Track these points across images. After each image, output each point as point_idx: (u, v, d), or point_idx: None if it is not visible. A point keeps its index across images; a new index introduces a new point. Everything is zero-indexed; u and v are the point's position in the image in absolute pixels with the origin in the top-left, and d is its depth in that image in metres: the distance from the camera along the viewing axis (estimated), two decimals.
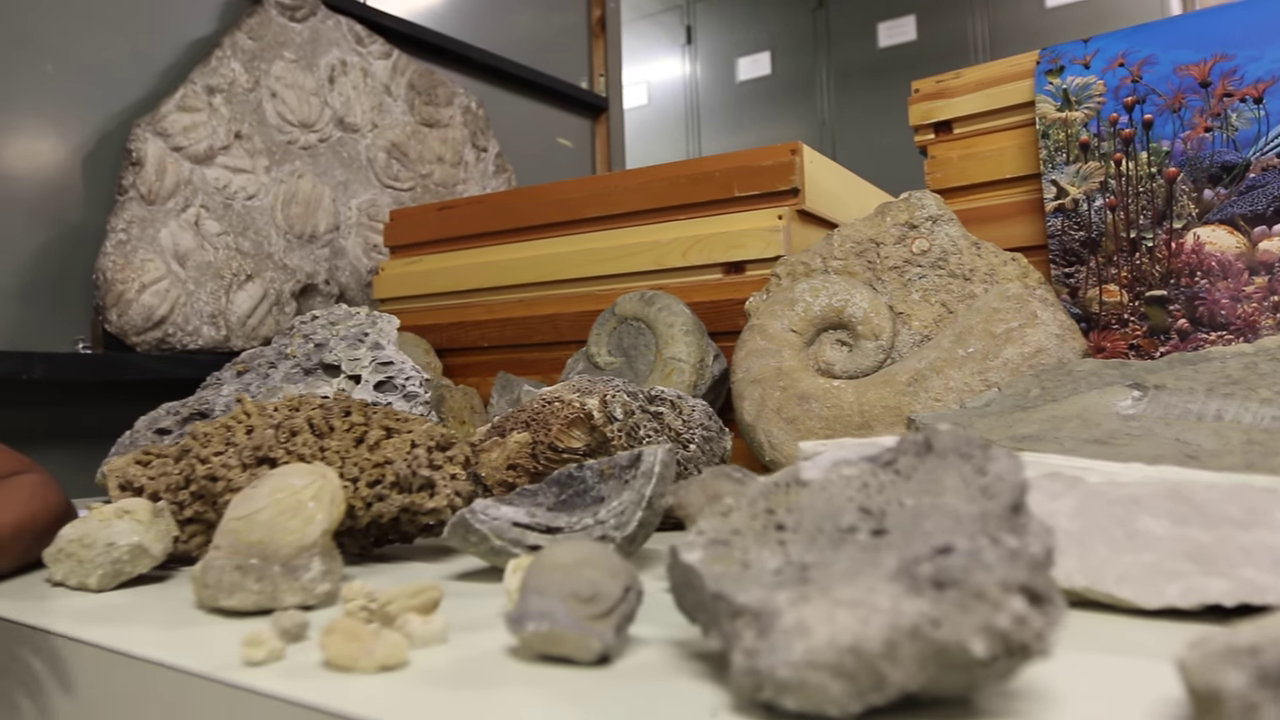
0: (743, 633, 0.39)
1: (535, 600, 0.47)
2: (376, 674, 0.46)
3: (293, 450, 0.77)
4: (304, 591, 0.60)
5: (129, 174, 1.54)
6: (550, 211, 1.54)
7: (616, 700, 0.42)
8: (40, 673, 0.58)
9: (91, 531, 0.70)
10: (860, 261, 1.13)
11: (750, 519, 0.47)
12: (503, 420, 0.93)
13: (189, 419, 1.17)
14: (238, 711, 0.45)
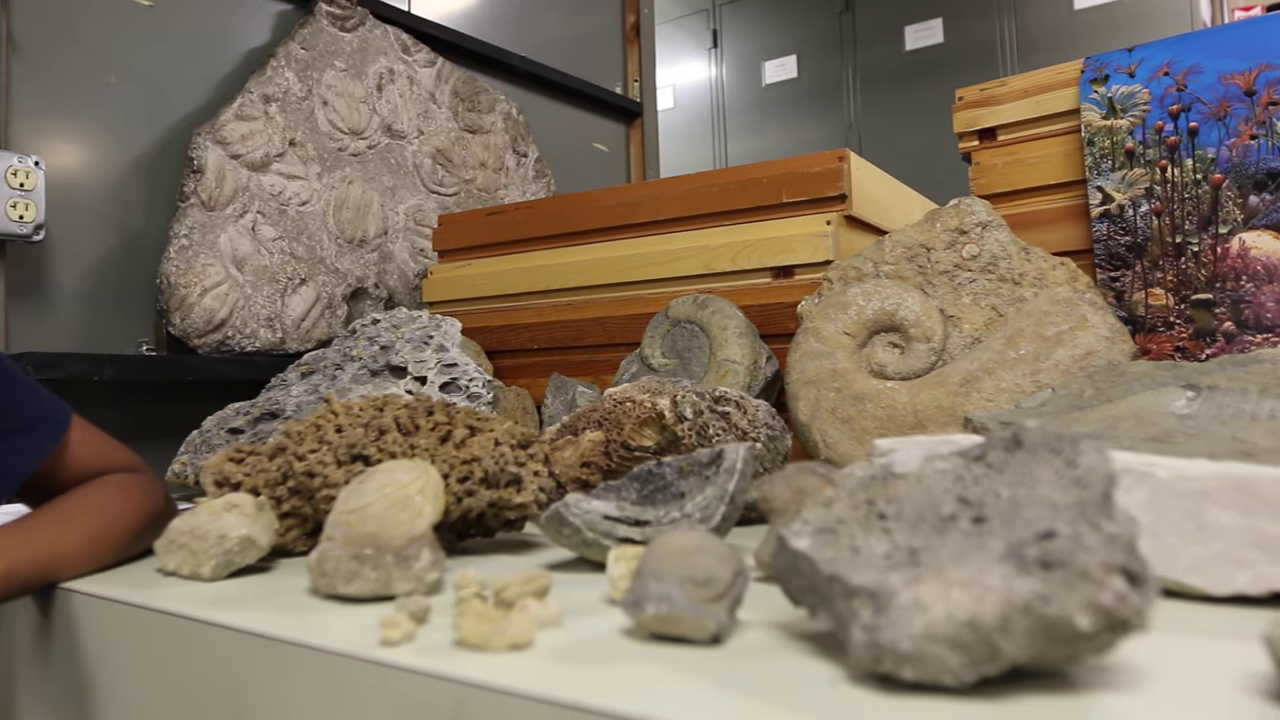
0: (859, 611, 0.43)
1: (654, 584, 0.51)
2: (507, 652, 0.50)
3: (384, 448, 0.81)
4: (415, 580, 0.64)
5: (190, 181, 1.59)
6: (598, 217, 1.58)
7: (739, 675, 0.45)
8: (186, 657, 0.62)
9: (202, 524, 0.74)
10: (911, 266, 1.17)
11: (852, 509, 0.51)
12: (574, 419, 0.97)
13: (260, 419, 1.22)
14: (385, 686, 0.49)
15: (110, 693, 0.67)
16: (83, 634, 0.69)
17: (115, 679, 0.67)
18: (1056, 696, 0.41)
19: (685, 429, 0.91)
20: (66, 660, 0.71)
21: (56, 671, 0.71)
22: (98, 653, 0.68)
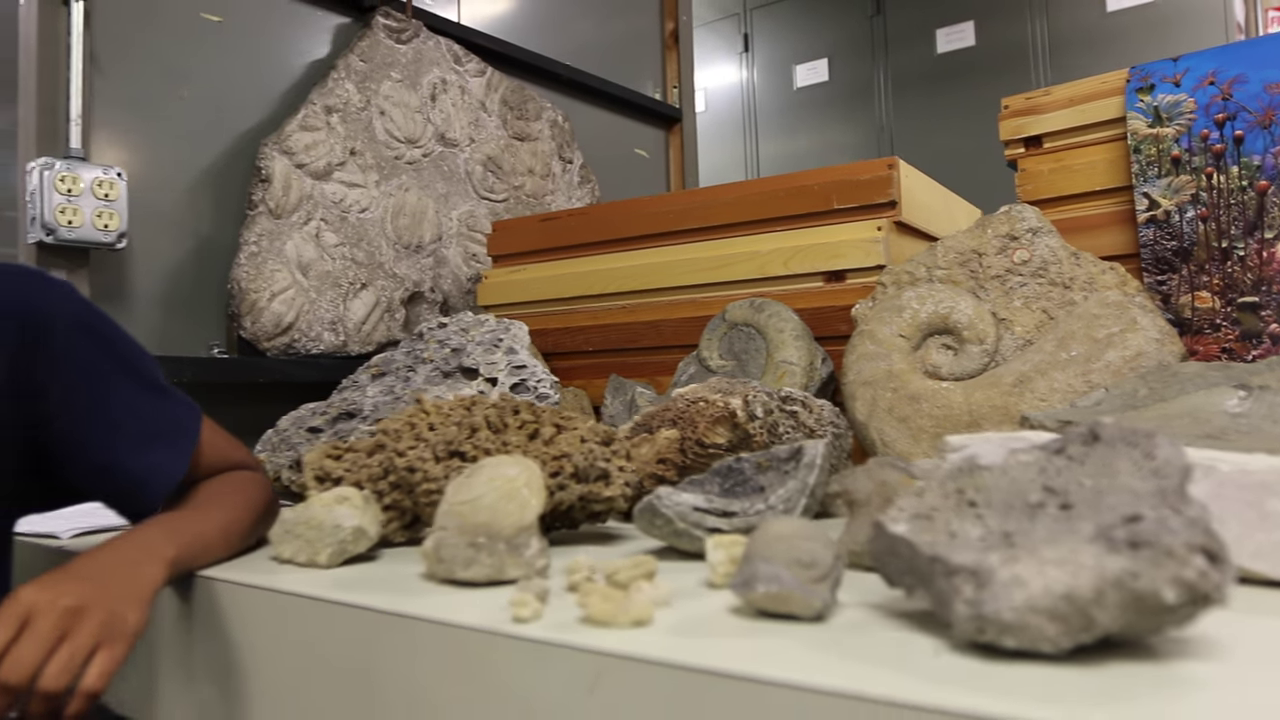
0: (961, 587, 0.48)
1: (763, 566, 0.56)
2: (630, 628, 0.55)
3: (477, 445, 0.87)
4: (526, 566, 0.69)
5: (258, 190, 1.65)
6: (650, 222, 1.63)
7: (847, 645, 0.50)
8: (322, 636, 0.68)
9: (316, 515, 0.80)
10: (963, 271, 1.21)
11: (943, 498, 0.56)
12: (648, 418, 1.02)
13: (338, 418, 1.28)
14: (524, 658, 0.54)
15: (251, 672, 0.72)
16: (224, 618, 0.75)
17: (255, 659, 0.72)
18: (1142, 663, 0.46)
19: (756, 427, 0.96)
20: (208, 644, 0.76)
21: (198, 655, 0.77)
22: (239, 635, 0.74)
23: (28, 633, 0.60)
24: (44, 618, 0.61)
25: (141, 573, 0.69)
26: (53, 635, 0.61)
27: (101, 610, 0.63)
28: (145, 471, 0.81)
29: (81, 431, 0.79)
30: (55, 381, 0.77)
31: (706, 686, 0.47)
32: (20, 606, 0.61)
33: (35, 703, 0.60)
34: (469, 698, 0.57)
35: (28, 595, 0.62)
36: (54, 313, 0.78)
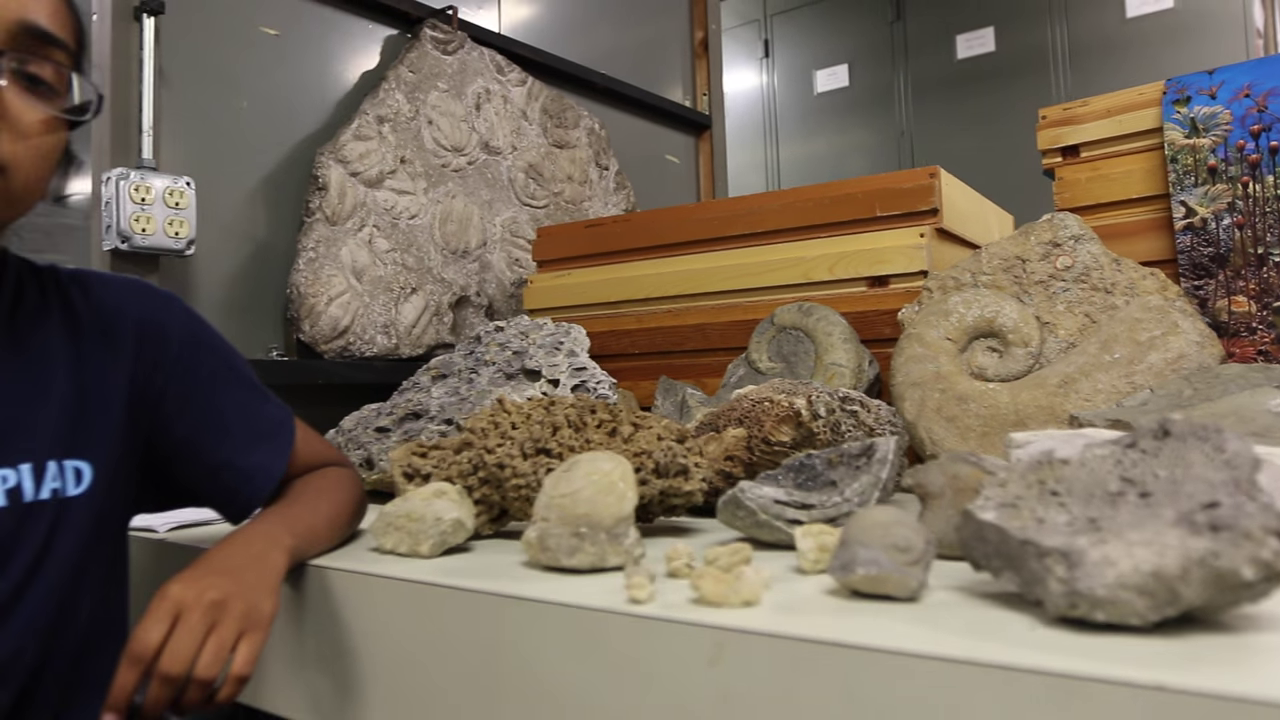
0: (1053, 568, 0.53)
1: (861, 550, 0.61)
2: (741, 607, 0.60)
3: (561, 443, 0.92)
4: (626, 554, 0.75)
5: (315, 198, 1.71)
6: (695, 229, 1.68)
7: (946, 622, 0.56)
8: (440, 621, 0.73)
9: (417, 508, 0.85)
10: (1007, 276, 1.26)
11: (1026, 488, 0.61)
12: (713, 417, 1.07)
13: (404, 419, 1.33)
14: (646, 635, 0.60)
15: (366, 658, 0.78)
16: (339, 606, 0.80)
17: (370, 645, 0.78)
18: (1219, 635, 0.51)
19: (820, 426, 1.01)
20: (322, 631, 0.81)
21: (310, 642, 0.82)
22: (354, 622, 0.79)
23: (180, 626, 0.66)
24: (193, 611, 0.66)
25: (269, 563, 0.74)
26: (202, 627, 0.66)
27: (242, 601, 0.69)
28: (251, 470, 0.86)
29: (196, 435, 0.84)
30: (171, 388, 0.83)
31: (825, 656, 0.52)
32: (171, 602, 0.67)
33: (192, 690, 0.65)
34: (592, 674, 0.63)
35: (176, 591, 0.67)
36: (168, 323, 0.84)
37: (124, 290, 0.83)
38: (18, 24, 0.67)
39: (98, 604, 0.77)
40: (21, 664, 0.70)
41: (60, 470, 0.73)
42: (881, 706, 0.50)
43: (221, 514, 0.89)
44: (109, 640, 0.79)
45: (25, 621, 0.70)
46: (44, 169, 0.71)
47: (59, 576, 0.72)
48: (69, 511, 0.73)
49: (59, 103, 0.71)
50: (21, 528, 0.70)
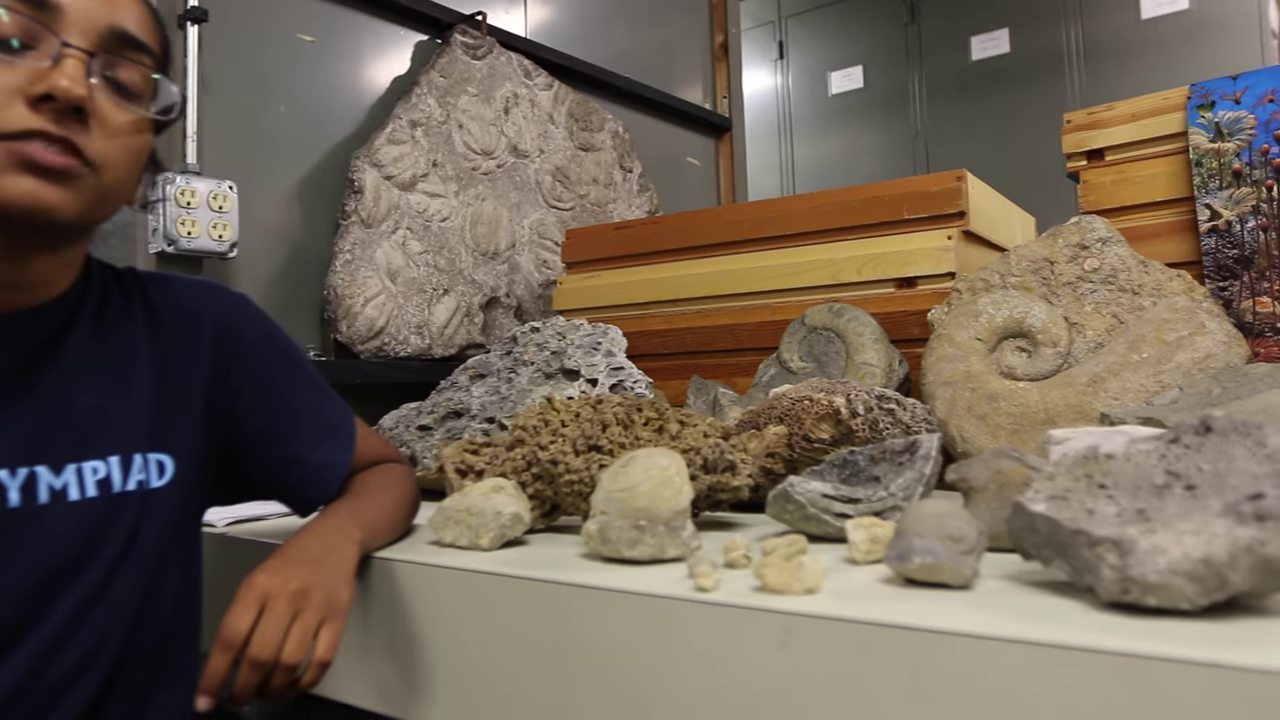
0: (1105, 556, 0.56)
1: (917, 541, 0.64)
2: (803, 594, 0.64)
3: (612, 440, 0.96)
4: (684, 546, 0.78)
5: (351, 201, 1.75)
6: (724, 231, 1.71)
7: (1003, 606, 0.59)
8: (508, 610, 0.76)
9: (476, 503, 0.88)
10: (1036, 278, 1.29)
11: (1074, 481, 0.64)
12: (753, 415, 1.11)
13: (446, 417, 1.37)
14: (716, 621, 0.63)
15: (434, 647, 0.81)
16: (405, 597, 0.83)
17: (438, 634, 0.81)
18: (1264, 618, 0.54)
19: (858, 423, 1.04)
20: (387, 622, 0.85)
21: (378, 632, 0.86)
22: (421, 612, 0.82)
23: (267, 614, 0.69)
24: (278, 600, 0.70)
25: (344, 555, 0.78)
26: (287, 615, 0.70)
27: (322, 590, 0.73)
28: (320, 465, 0.90)
29: (268, 430, 0.88)
30: (245, 386, 0.87)
31: (892, 638, 0.56)
32: (258, 592, 0.70)
33: (278, 675, 0.69)
34: (662, 660, 0.66)
35: (262, 581, 0.71)
36: (242, 323, 0.88)
37: (201, 291, 0.87)
38: (108, 29, 0.70)
39: (177, 592, 0.80)
40: (109, 649, 0.73)
41: (145, 463, 0.77)
42: (948, 686, 0.53)
43: (290, 506, 0.93)
44: (186, 628, 0.83)
45: (113, 607, 0.73)
46: (132, 169, 0.75)
47: (144, 564, 0.76)
48: (153, 502, 0.77)
49: (145, 105, 0.74)
50: (111, 517, 0.74)
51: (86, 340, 0.77)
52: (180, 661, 0.81)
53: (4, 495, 0.69)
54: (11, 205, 0.66)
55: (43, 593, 0.70)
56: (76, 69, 0.67)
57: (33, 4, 0.67)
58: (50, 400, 0.73)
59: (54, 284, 0.76)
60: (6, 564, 0.68)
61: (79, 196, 0.69)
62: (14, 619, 0.68)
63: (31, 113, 0.66)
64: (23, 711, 0.68)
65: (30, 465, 0.71)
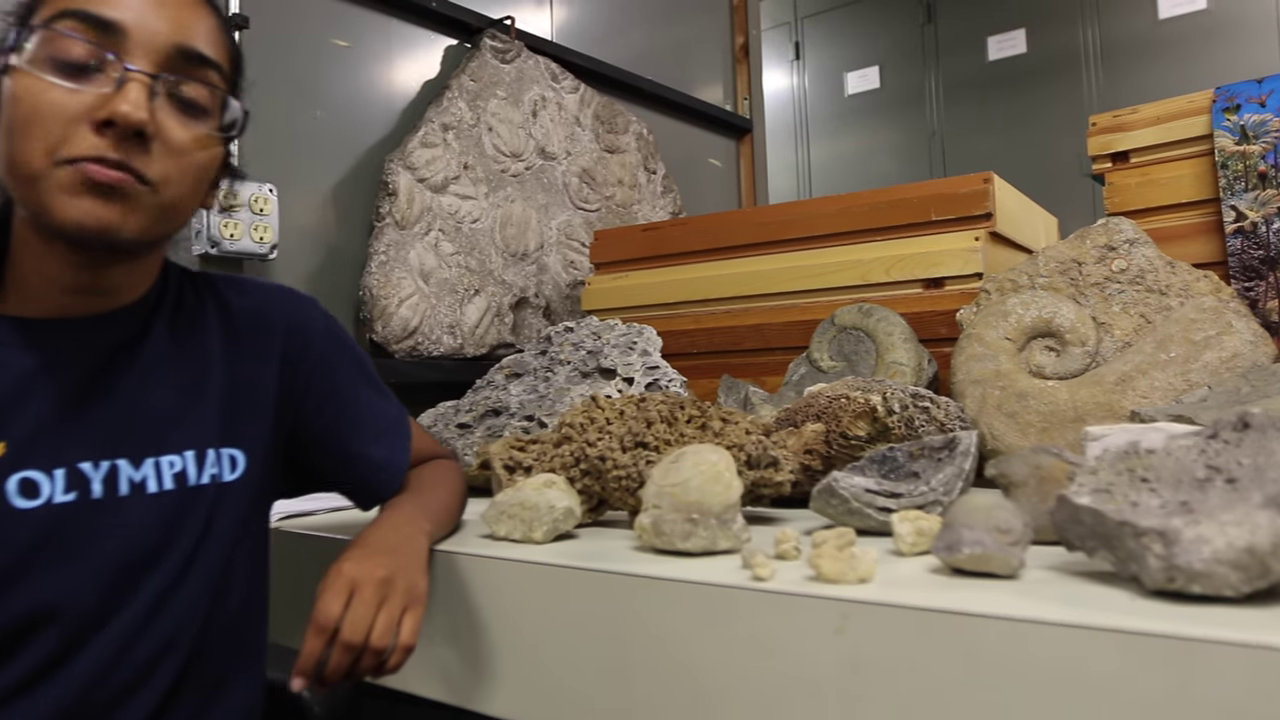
0: (1150, 546, 0.59)
1: (966, 532, 0.67)
2: (856, 584, 0.66)
3: (657, 437, 0.98)
4: (734, 538, 0.81)
5: (385, 203, 1.78)
6: (751, 233, 1.74)
7: (1051, 594, 0.62)
8: (566, 600, 0.79)
9: (529, 497, 0.91)
10: (1064, 279, 1.32)
11: (1116, 475, 0.67)
12: (791, 413, 1.13)
13: (484, 415, 1.40)
14: (773, 609, 0.66)
15: (497, 636, 0.84)
16: (469, 588, 0.86)
17: (500, 624, 0.84)
18: None
19: (894, 421, 1.07)
20: (453, 611, 0.88)
21: (441, 622, 0.89)
22: (484, 602, 0.85)
23: (356, 600, 0.73)
24: (367, 587, 0.73)
25: (417, 545, 0.81)
26: (375, 602, 0.73)
27: (404, 578, 0.76)
28: (382, 462, 0.93)
29: (333, 428, 0.91)
30: (313, 385, 0.90)
31: (948, 624, 0.58)
32: (346, 579, 0.74)
33: (367, 658, 0.72)
34: (723, 648, 0.69)
35: (350, 570, 0.74)
36: (310, 325, 0.91)
37: (272, 294, 0.90)
38: (173, 48, 0.73)
39: (248, 581, 0.84)
40: (187, 635, 0.76)
41: (218, 458, 0.80)
42: (1005, 669, 0.56)
43: (353, 500, 0.96)
44: (256, 614, 0.86)
45: (190, 595, 0.77)
46: (196, 184, 0.77)
47: (218, 554, 0.79)
48: (226, 496, 0.80)
49: (211, 121, 0.77)
50: (187, 509, 0.77)
51: (163, 341, 0.80)
52: (251, 646, 0.85)
53: (88, 487, 0.73)
54: (76, 226, 0.68)
55: (124, 581, 0.73)
56: (139, 93, 0.69)
57: (98, 28, 0.70)
58: (129, 397, 0.77)
59: (131, 289, 0.79)
60: (90, 553, 0.72)
61: (138, 215, 0.71)
62: (97, 606, 0.72)
63: (95, 137, 0.68)
64: (107, 696, 0.72)
65: (111, 459, 0.74)
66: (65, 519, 0.71)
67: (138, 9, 0.71)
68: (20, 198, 0.71)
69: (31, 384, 0.73)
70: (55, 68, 0.69)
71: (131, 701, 0.73)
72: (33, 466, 0.71)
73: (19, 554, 0.69)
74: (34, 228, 0.72)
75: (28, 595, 0.69)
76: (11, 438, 0.70)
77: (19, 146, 0.69)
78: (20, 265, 0.75)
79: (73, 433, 0.73)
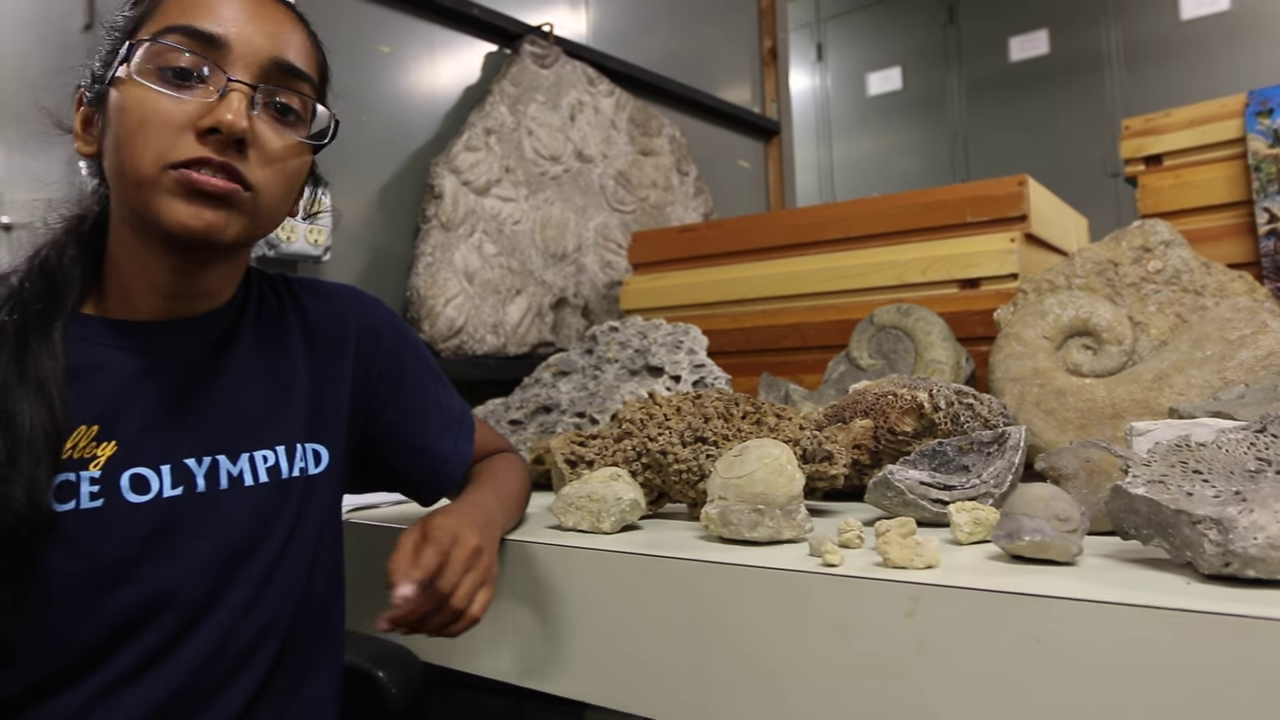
0: (1206, 533, 0.63)
1: (1026, 521, 0.71)
2: (924, 570, 0.71)
3: (715, 432, 1.03)
4: (798, 528, 0.85)
5: (431, 205, 1.83)
6: (788, 234, 1.78)
7: (1111, 579, 0.65)
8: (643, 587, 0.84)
9: (597, 490, 0.96)
10: (1100, 279, 1.35)
11: (1169, 467, 0.71)
12: (838, 410, 1.17)
13: (536, 412, 1.44)
14: (845, 593, 0.70)
15: (569, 622, 0.88)
16: (539, 576, 0.91)
17: (576, 609, 0.88)
18: None
19: (940, 417, 1.11)
20: (525, 599, 0.92)
21: (515, 608, 0.93)
22: (555, 590, 0.90)
23: (452, 560, 0.77)
24: (462, 550, 0.78)
25: (496, 531, 0.86)
26: (464, 567, 0.77)
27: (488, 556, 0.80)
28: (448, 454, 0.98)
29: (402, 422, 0.95)
30: (383, 382, 0.94)
31: (1015, 605, 0.63)
32: (448, 535, 0.78)
33: (442, 615, 0.76)
34: (796, 631, 0.73)
35: (452, 528, 0.79)
36: (379, 324, 0.95)
37: (342, 296, 0.95)
38: (270, 61, 0.77)
39: (331, 569, 0.88)
40: (283, 620, 0.81)
41: (304, 452, 0.85)
42: (1070, 648, 0.60)
43: (418, 493, 1.00)
44: (336, 600, 0.91)
45: (285, 581, 0.81)
46: (288, 190, 0.82)
47: (307, 542, 0.84)
48: (313, 488, 0.85)
49: (303, 129, 0.81)
50: (280, 501, 0.81)
51: (250, 342, 0.85)
52: (332, 629, 0.89)
53: (192, 481, 0.77)
54: (180, 228, 0.73)
55: (227, 568, 0.78)
56: (240, 103, 0.74)
57: (203, 41, 0.74)
58: (224, 396, 0.81)
59: (223, 293, 0.83)
60: (197, 543, 0.76)
61: (238, 218, 0.76)
62: (205, 594, 0.76)
63: (198, 143, 0.73)
64: (214, 678, 0.76)
65: (212, 454, 0.79)
66: (174, 512, 0.75)
67: (238, 24, 0.76)
68: (129, 201, 0.75)
69: (137, 384, 0.77)
70: (162, 78, 0.73)
71: (234, 683, 0.78)
72: (142, 463, 0.75)
73: (134, 546, 0.73)
74: (136, 232, 0.77)
75: (144, 584, 0.73)
76: (122, 436, 0.75)
77: (129, 153, 0.73)
78: (120, 270, 0.79)
79: (176, 430, 0.78)
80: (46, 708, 0.71)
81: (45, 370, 0.72)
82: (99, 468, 0.73)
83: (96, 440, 0.74)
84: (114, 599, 0.72)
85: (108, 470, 0.73)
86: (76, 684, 0.71)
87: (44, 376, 0.71)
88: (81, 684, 0.71)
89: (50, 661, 0.71)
